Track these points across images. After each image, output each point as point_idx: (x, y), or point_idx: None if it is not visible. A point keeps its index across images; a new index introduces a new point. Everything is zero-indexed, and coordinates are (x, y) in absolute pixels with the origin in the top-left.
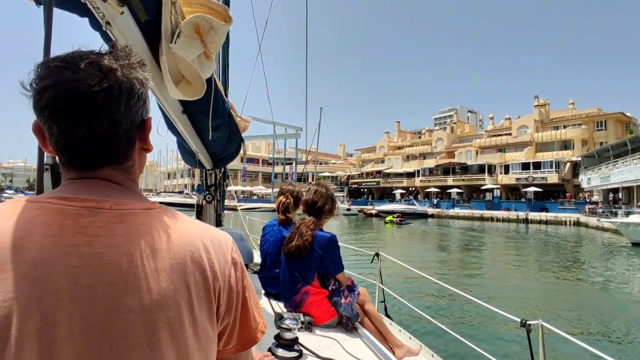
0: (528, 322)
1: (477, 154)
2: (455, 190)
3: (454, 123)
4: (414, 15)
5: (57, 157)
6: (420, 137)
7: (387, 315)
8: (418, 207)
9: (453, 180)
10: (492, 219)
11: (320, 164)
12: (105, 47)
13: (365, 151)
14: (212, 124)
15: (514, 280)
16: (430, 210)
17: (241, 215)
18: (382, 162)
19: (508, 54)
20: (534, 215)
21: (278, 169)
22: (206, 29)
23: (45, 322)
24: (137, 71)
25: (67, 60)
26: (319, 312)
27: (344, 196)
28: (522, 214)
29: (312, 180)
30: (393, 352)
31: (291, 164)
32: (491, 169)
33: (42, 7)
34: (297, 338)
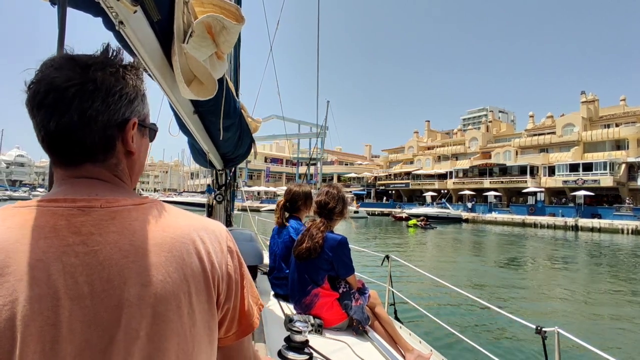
0: (544, 329)
1: (516, 154)
2: (492, 193)
3: (489, 122)
4: (438, 15)
5: None
6: (451, 137)
7: (397, 319)
8: (452, 211)
9: (490, 182)
10: (535, 225)
11: (346, 164)
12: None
13: (393, 152)
14: (223, 124)
15: (558, 290)
16: (465, 215)
17: (250, 216)
18: (411, 163)
19: (540, 51)
20: (584, 221)
21: (302, 169)
22: (218, 29)
23: (46, 322)
24: (121, 70)
25: (55, 59)
26: (329, 314)
27: (352, 198)
28: (570, 220)
29: (337, 181)
30: (404, 357)
31: (315, 164)
32: (533, 171)
33: (56, 7)
34: (307, 341)
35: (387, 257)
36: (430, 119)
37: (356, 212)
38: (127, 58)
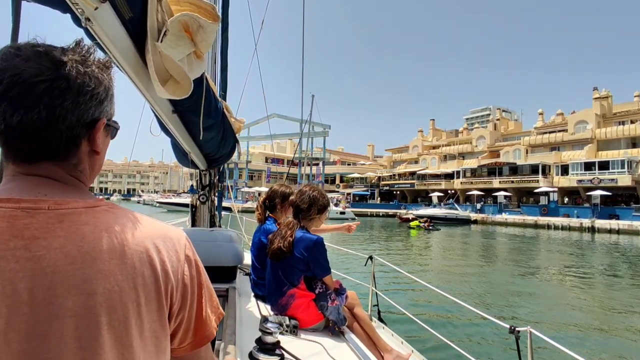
0: (517, 329)
1: (526, 153)
2: (502, 193)
3: (497, 120)
4: (439, 12)
5: None
6: (457, 136)
7: (381, 319)
8: (460, 212)
9: (500, 182)
10: (548, 227)
11: (348, 164)
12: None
13: (397, 151)
14: (204, 123)
15: (572, 297)
16: (474, 216)
17: (238, 216)
18: (416, 162)
19: (543, 48)
20: (601, 223)
21: (300, 169)
22: (195, 28)
23: None
24: (94, 70)
25: (21, 48)
26: (305, 315)
27: (338, 199)
28: (586, 222)
29: (339, 181)
30: (382, 357)
31: (317, 164)
32: (545, 170)
33: (30, 2)
34: (279, 342)
35: (371, 257)
36: (433, 119)
37: (342, 213)
38: (100, 55)
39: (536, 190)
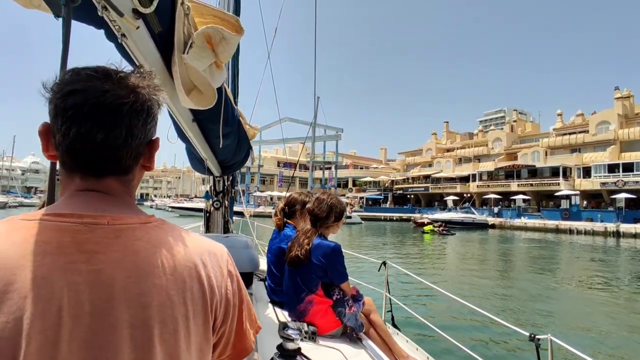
0: (537, 337)
1: (545, 155)
2: (520, 196)
3: (514, 121)
4: (451, 12)
5: (60, 164)
6: (472, 139)
7: (395, 326)
8: (477, 216)
9: (518, 185)
10: (570, 232)
11: (361, 168)
12: (125, 62)
13: (410, 154)
14: (222, 131)
15: (596, 304)
16: (491, 220)
17: (249, 222)
18: (430, 165)
19: (559, 48)
20: (627, 227)
21: (317, 173)
22: (218, 39)
23: (47, 341)
24: (156, 94)
25: (98, 71)
26: (323, 321)
27: (346, 203)
28: (611, 226)
29: (352, 185)
30: None
31: (329, 168)
32: (566, 172)
33: (60, 19)
34: (299, 348)
35: (384, 263)
36: (447, 121)
37: (349, 217)
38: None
39: (557, 194)
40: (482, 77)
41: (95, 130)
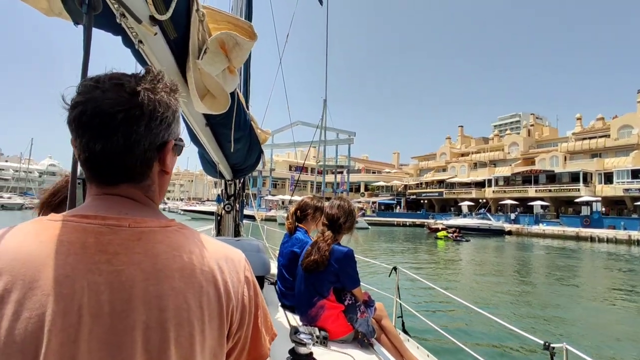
0: (552, 345)
1: (564, 160)
2: (538, 202)
3: (531, 125)
4: (465, 14)
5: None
6: (487, 143)
7: (405, 331)
8: (494, 222)
9: (536, 190)
10: (592, 239)
11: (373, 172)
12: (139, 67)
13: (424, 159)
14: (234, 136)
15: (615, 314)
16: (508, 226)
17: (260, 225)
18: (444, 170)
19: (575, 49)
20: None
21: (323, 177)
22: (231, 45)
23: (67, 339)
24: (164, 95)
25: (99, 80)
26: (335, 326)
27: (363, 208)
28: (635, 234)
29: (364, 189)
30: None
31: (341, 172)
32: (587, 178)
33: (79, 26)
34: (311, 353)
35: (395, 268)
36: (461, 125)
37: (355, 222)
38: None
39: (577, 200)
40: (496, 81)
41: (94, 141)
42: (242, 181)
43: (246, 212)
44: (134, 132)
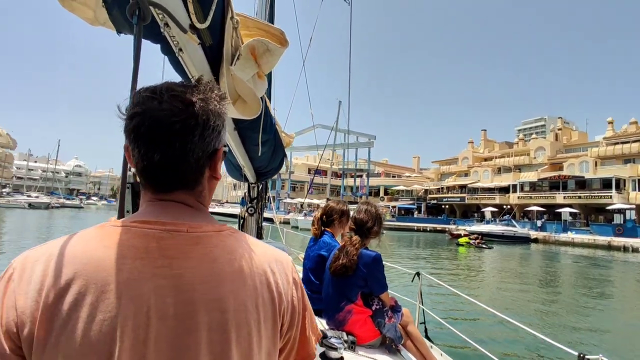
0: (587, 357)
1: (595, 165)
2: (566, 209)
3: (559, 129)
4: (489, 16)
5: (135, 177)
6: (512, 147)
7: (427, 337)
8: (519, 229)
9: (564, 197)
10: (624, 249)
11: (393, 176)
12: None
13: (445, 163)
14: (261, 139)
15: None
16: (534, 234)
17: (279, 228)
18: (466, 175)
19: (607, 50)
20: None
21: (342, 181)
22: (261, 51)
23: (137, 340)
24: (216, 105)
25: (156, 91)
26: (362, 331)
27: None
28: None
29: (384, 194)
30: None
31: (360, 176)
32: (619, 184)
33: (121, 35)
34: (342, 358)
35: (418, 274)
36: (485, 129)
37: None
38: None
39: (609, 207)
40: (520, 84)
41: (152, 151)
42: (264, 184)
43: (265, 214)
44: (189, 141)
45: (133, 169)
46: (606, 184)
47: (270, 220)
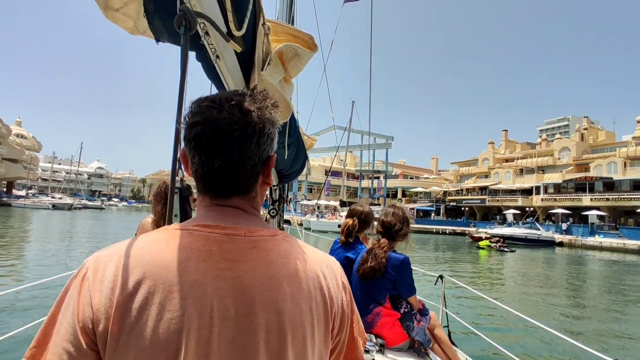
0: None
1: (624, 166)
2: (594, 212)
3: (585, 129)
4: (510, 18)
5: (182, 182)
6: (534, 148)
7: (451, 342)
8: (543, 232)
9: (591, 199)
10: None
11: (411, 178)
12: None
13: (464, 164)
14: (287, 141)
15: None
16: (558, 237)
17: (298, 230)
18: (487, 176)
19: (624, 55)
20: None
21: (359, 183)
22: (290, 56)
23: (201, 338)
24: (270, 113)
25: (215, 101)
26: (391, 334)
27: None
28: None
29: (402, 195)
30: None
31: (378, 177)
32: None
33: (160, 42)
34: None
35: (441, 277)
36: (506, 129)
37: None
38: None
39: (639, 210)
40: (542, 84)
41: (213, 158)
42: (284, 186)
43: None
44: (247, 148)
45: (180, 175)
46: (636, 185)
47: (287, 222)
